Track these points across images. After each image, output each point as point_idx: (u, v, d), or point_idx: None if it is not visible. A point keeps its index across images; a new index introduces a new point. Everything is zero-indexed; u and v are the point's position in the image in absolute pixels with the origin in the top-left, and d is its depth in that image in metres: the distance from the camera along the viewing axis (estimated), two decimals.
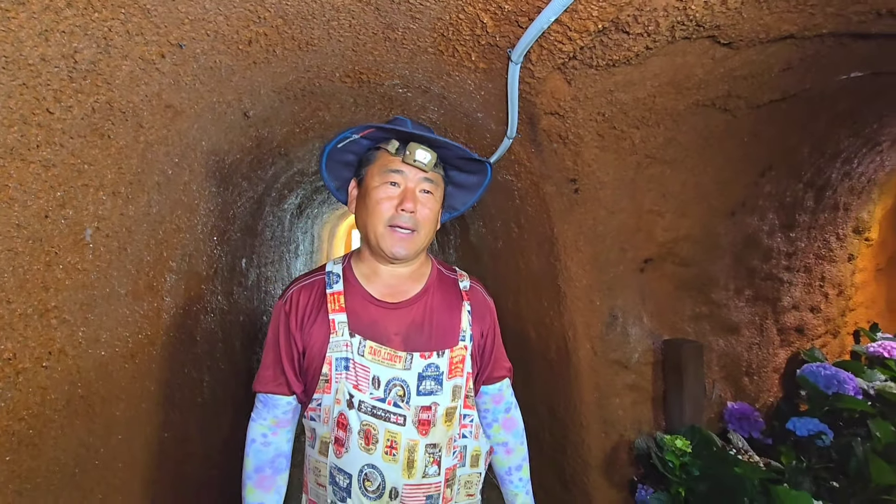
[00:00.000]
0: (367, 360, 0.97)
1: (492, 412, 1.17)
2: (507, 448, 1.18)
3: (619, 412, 1.97)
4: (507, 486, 1.19)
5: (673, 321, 2.10)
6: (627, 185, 1.88)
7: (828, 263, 2.68)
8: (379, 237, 0.99)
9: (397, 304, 1.02)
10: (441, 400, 0.99)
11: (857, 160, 2.40)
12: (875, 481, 1.76)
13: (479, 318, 1.08)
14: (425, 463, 0.97)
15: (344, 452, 0.96)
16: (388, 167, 1.00)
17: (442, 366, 1.00)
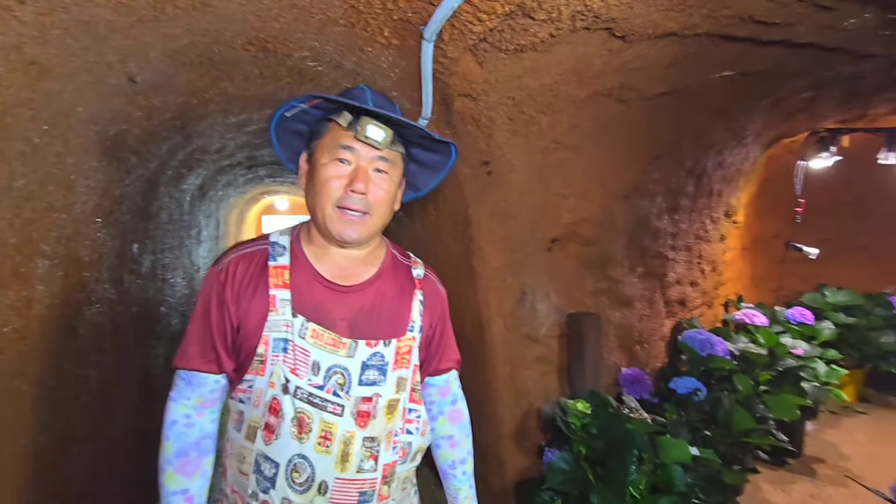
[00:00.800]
0: (309, 344, 0.90)
1: (437, 404, 1.13)
2: (452, 441, 1.15)
3: (529, 383, 2.09)
4: (451, 480, 1.15)
5: (576, 297, 2.26)
6: (536, 169, 1.98)
7: (704, 243, 3.05)
8: (327, 219, 0.92)
9: (347, 287, 0.96)
10: (383, 391, 0.95)
11: (727, 152, 2.74)
12: (737, 427, 2.06)
13: (430, 309, 1.04)
14: (361, 457, 0.92)
15: (273, 439, 0.89)
16: (339, 142, 0.92)
17: (387, 356, 0.96)
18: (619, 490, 1.60)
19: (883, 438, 3.31)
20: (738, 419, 2.03)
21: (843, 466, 2.98)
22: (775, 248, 4.02)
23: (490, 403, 2.09)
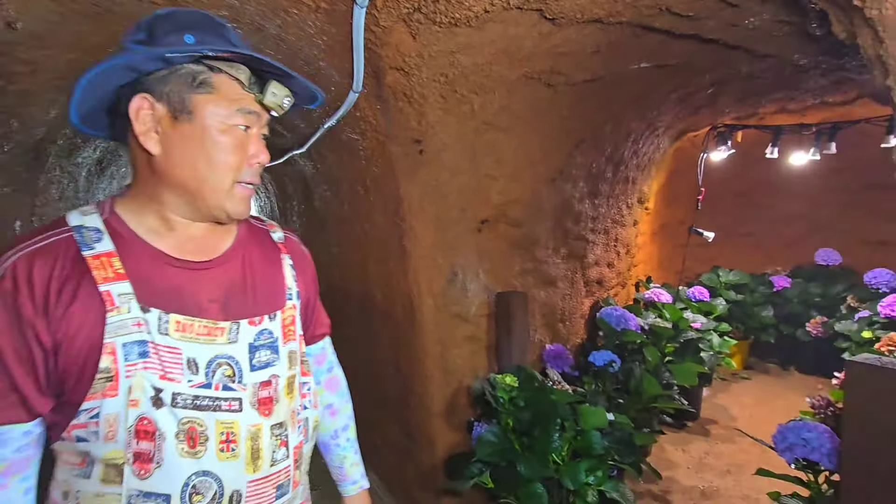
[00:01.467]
0: (176, 340, 0.75)
1: (314, 374, 1.04)
2: (332, 410, 1.09)
3: (458, 361, 2.13)
4: (334, 450, 1.09)
5: (504, 276, 2.33)
6: (468, 149, 1.99)
7: (620, 227, 3.26)
8: (223, 196, 0.79)
9: (207, 262, 0.83)
10: (280, 370, 0.86)
11: (642, 141, 2.93)
12: (647, 393, 2.25)
13: (302, 273, 0.96)
14: (272, 448, 0.82)
15: (154, 469, 0.72)
16: (242, 105, 0.78)
17: (276, 331, 0.86)
18: (544, 457, 1.68)
19: (763, 400, 3.79)
20: (648, 386, 2.21)
21: (732, 425, 3.38)
22: (680, 233, 4.41)
23: (420, 383, 2.10)
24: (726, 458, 2.97)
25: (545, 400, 1.74)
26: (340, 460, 1.09)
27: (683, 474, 2.83)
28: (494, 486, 1.77)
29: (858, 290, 3.80)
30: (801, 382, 4.16)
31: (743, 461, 2.91)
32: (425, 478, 2.18)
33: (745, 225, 4.88)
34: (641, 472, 1.79)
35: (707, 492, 2.66)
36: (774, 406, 3.66)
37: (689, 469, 2.88)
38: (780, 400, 3.78)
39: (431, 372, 2.06)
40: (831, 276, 4.17)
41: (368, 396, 2.66)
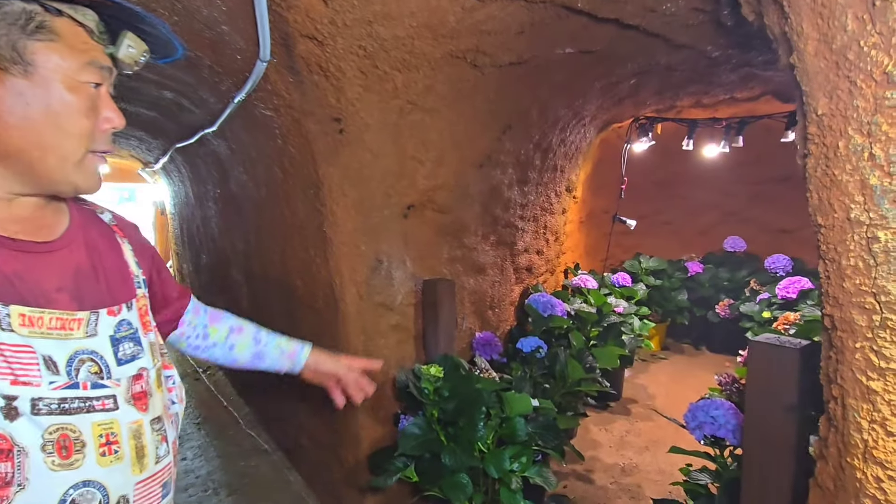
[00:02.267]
0: (24, 336, 0.65)
1: (199, 325, 1.04)
2: (237, 329, 1.09)
3: (384, 352, 2.04)
4: (266, 348, 1.11)
5: (432, 264, 2.26)
6: (391, 130, 1.89)
7: (549, 215, 3.30)
8: (72, 167, 0.68)
9: (49, 244, 0.71)
10: (146, 363, 0.78)
11: (569, 130, 2.97)
12: (571, 377, 2.29)
13: (142, 254, 0.87)
14: (155, 444, 0.76)
15: (16, 494, 0.62)
16: (93, 58, 0.67)
17: (134, 321, 0.78)
18: (469, 447, 1.65)
19: (678, 378, 4.05)
20: (572, 370, 2.25)
21: (650, 404, 3.57)
22: (605, 221, 4.58)
23: None
24: (645, 435, 3.13)
25: (470, 389, 1.70)
26: (277, 349, 1.12)
27: (606, 453, 2.94)
28: (419, 479, 1.72)
29: (760, 274, 4.14)
30: (712, 361, 4.49)
31: (659, 437, 3.08)
32: (350, 475, 2.08)
33: (663, 214, 5.17)
34: (564, 456, 1.81)
35: (627, 468, 2.78)
36: (688, 384, 3.92)
37: (611, 448, 3.00)
38: (692, 378, 4.05)
39: None
40: (738, 261, 4.52)
41: (293, 394, 2.51)
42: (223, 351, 1.08)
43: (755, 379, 1.06)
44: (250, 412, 3.41)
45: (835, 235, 0.64)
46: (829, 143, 0.62)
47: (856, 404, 0.62)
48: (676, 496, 2.38)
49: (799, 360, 0.99)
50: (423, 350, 2.15)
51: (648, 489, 2.60)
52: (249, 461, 2.87)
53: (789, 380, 1.00)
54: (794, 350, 0.99)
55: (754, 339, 1.08)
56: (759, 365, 1.06)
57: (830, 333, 0.69)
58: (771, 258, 4.06)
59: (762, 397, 1.05)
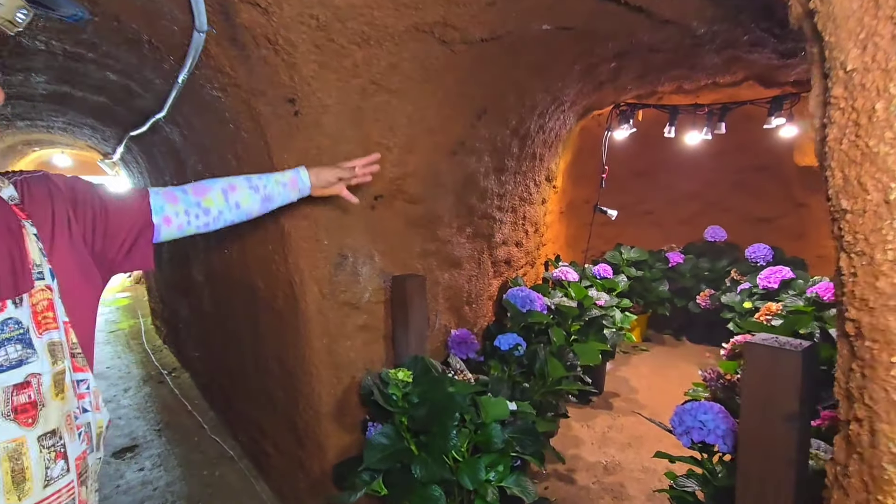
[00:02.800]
0: None
1: (188, 205, 1.02)
2: (230, 187, 1.11)
3: (351, 354, 1.89)
4: (268, 190, 1.18)
5: (403, 258, 2.11)
6: (353, 113, 1.73)
7: (528, 205, 3.18)
8: None
9: None
10: (39, 367, 0.67)
11: (548, 116, 2.84)
12: (551, 376, 2.17)
13: (58, 217, 0.75)
14: (45, 464, 0.66)
15: None
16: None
17: (24, 319, 0.67)
18: (441, 457, 1.52)
19: (660, 370, 3.99)
20: (552, 369, 2.14)
21: (632, 398, 3.50)
22: (585, 212, 4.48)
23: (305, 381, 1.84)
24: (627, 431, 3.06)
25: (443, 394, 1.57)
26: (278, 185, 1.21)
27: (588, 451, 2.86)
28: (388, 492, 1.58)
29: (741, 264, 4.10)
30: (692, 351, 4.46)
31: (642, 433, 3.01)
32: (316, 486, 1.94)
33: (644, 204, 5.11)
34: (544, 461, 1.69)
35: (609, 467, 2.69)
36: (669, 376, 3.87)
37: (593, 445, 2.91)
38: (674, 369, 4.00)
39: (318, 368, 1.81)
40: (718, 251, 4.48)
41: (258, 399, 2.35)
42: (232, 212, 1.11)
43: (752, 384, 0.95)
44: (216, 416, 3.23)
45: (866, 223, 0.52)
46: (862, 107, 0.50)
47: (891, 432, 0.51)
48: (661, 501, 2.30)
49: (801, 364, 0.88)
50: (393, 351, 2.01)
51: (631, 488, 2.52)
52: (214, 470, 2.70)
53: (790, 386, 0.89)
54: (795, 353, 0.88)
55: (751, 340, 0.96)
56: (756, 369, 0.95)
57: (854, 342, 0.57)
58: (751, 248, 4.02)
59: (760, 405, 0.94)
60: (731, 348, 2.72)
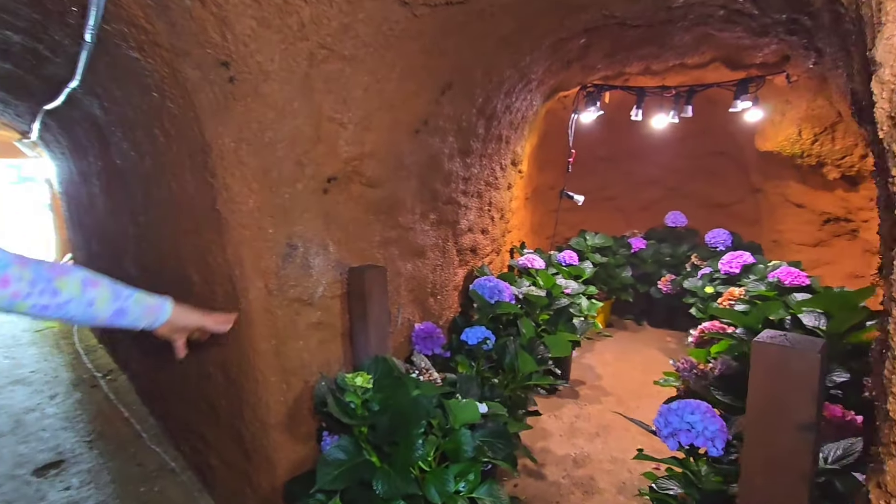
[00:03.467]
0: None
1: (38, 279, 0.90)
2: (92, 282, 1.01)
3: (303, 356, 1.69)
4: (127, 303, 1.06)
5: (362, 248, 1.92)
6: (301, 82, 1.50)
7: (494, 190, 3.03)
8: None
9: None
10: None
11: (515, 95, 2.68)
12: (522, 371, 2.05)
13: None
14: None
15: None
16: None
17: None
18: (405, 470, 1.36)
19: (624, 356, 3.99)
20: (523, 363, 2.02)
21: (598, 385, 3.46)
22: (550, 197, 4.39)
23: (250, 389, 1.63)
24: (595, 420, 3.01)
25: (406, 399, 1.40)
26: (138, 305, 1.08)
27: (556, 443, 2.78)
28: None
29: (700, 249, 4.14)
30: (654, 336, 4.50)
31: (609, 422, 2.97)
32: None
33: (608, 190, 5.08)
34: (516, 466, 1.56)
35: (578, 459, 2.63)
36: (633, 361, 3.87)
37: (561, 437, 2.84)
38: (637, 355, 4.01)
39: (264, 374, 1.60)
40: (679, 237, 4.51)
41: (198, 406, 2.10)
42: (80, 308, 0.99)
43: (760, 389, 0.84)
44: (156, 424, 2.93)
45: None
46: None
47: None
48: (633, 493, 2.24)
49: (819, 366, 0.77)
50: (352, 350, 1.82)
51: (602, 481, 2.46)
52: (153, 485, 2.43)
53: (806, 391, 0.79)
54: (812, 354, 0.77)
55: (759, 340, 0.85)
56: (765, 371, 0.84)
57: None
58: (711, 233, 4.05)
59: (769, 411, 0.84)
60: (699, 335, 2.70)
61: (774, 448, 0.83)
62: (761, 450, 0.85)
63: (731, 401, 1.82)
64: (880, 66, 0.59)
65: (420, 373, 1.72)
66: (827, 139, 2.91)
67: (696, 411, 1.22)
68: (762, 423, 0.85)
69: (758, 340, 0.85)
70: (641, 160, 4.84)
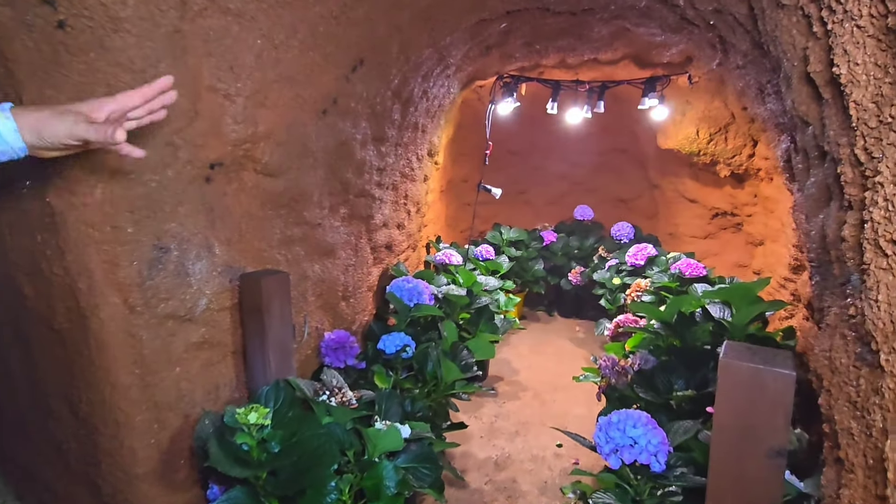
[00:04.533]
0: None
1: None
2: None
3: (182, 385, 1.36)
4: None
5: (258, 248, 1.61)
6: (169, 38, 1.17)
7: (410, 182, 2.83)
8: None
9: None
10: None
11: (433, 80, 2.49)
12: (445, 380, 1.89)
13: None
14: None
15: None
16: None
17: None
18: None
19: (538, 348, 4.03)
20: (446, 372, 1.86)
21: (516, 380, 3.44)
22: (465, 191, 4.29)
23: (108, 432, 1.27)
24: (514, 417, 2.96)
25: (314, 433, 1.16)
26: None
27: (477, 445, 2.68)
28: None
29: (607, 241, 4.31)
30: (563, 325, 4.63)
31: (528, 418, 2.94)
32: None
33: (519, 184, 5.12)
34: (443, 492, 1.39)
35: (500, 461, 2.55)
36: (546, 352, 3.92)
37: (482, 438, 2.75)
38: (549, 345, 4.08)
39: (126, 413, 1.25)
40: (586, 230, 4.67)
41: (44, 452, 1.65)
42: None
43: (729, 413, 0.75)
44: None
45: None
46: None
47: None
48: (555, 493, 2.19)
49: (793, 387, 0.69)
50: (246, 372, 1.52)
51: (524, 483, 2.40)
52: None
53: (779, 415, 0.70)
54: (789, 374, 0.69)
55: (728, 360, 0.75)
56: (734, 392, 0.74)
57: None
58: (616, 226, 4.23)
59: (738, 436, 0.75)
60: (615, 328, 2.75)
61: (744, 477, 0.75)
62: (729, 479, 0.77)
63: (653, 398, 1.82)
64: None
65: (332, 394, 1.48)
66: (721, 139, 3.12)
67: (638, 423, 1.14)
68: (731, 450, 0.76)
69: (726, 359, 0.76)
70: (551, 155, 4.93)
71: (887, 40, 0.58)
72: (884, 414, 0.57)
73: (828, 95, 0.78)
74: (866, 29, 0.60)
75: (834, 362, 0.72)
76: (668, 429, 1.23)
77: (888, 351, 0.57)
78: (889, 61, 0.58)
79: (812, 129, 0.91)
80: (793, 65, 0.90)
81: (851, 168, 0.71)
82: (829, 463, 0.74)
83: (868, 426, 0.60)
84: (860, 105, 0.62)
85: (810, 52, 0.80)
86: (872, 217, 0.62)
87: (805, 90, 0.88)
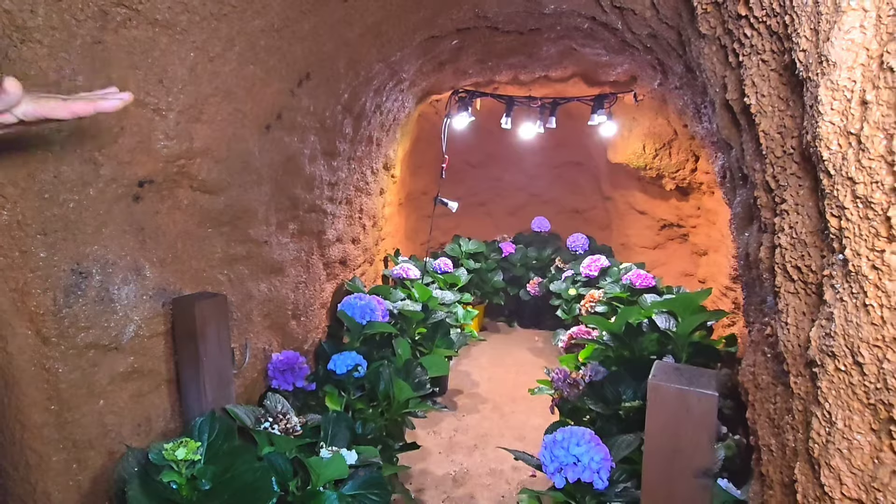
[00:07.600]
0: None
1: None
2: None
3: (107, 419, 1.27)
4: None
5: (196, 269, 1.53)
6: (87, 50, 1.10)
7: (365, 196, 2.79)
8: None
9: None
10: None
11: (385, 94, 2.47)
12: (397, 399, 1.85)
13: None
14: None
15: None
16: None
17: None
18: None
19: (498, 360, 4.04)
20: (398, 391, 1.82)
21: (475, 393, 3.42)
22: (423, 204, 4.28)
23: (18, 476, 1.16)
24: (472, 431, 2.94)
25: (249, 468, 1.10)
26: None
27: (435, 461, 2.64)
28: None
29: (563, 252, 4.39)
30: (523, 336, 4.66)
31: (486, 431, 2.92)
32: None
33: (478, 196, 5.16)
34: None
35: (458, 476, 2.52)
36: (506, 364, 3.93)
37: (440, 454, 2.71)
38: (509, 357, 4.09)
39: (40, 454, 1.15)
40: (543, 241, 4.74)
41: None
42: None
43: (657, 432, 0.76)
44: None
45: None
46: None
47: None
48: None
49: (716, 407, 0.71)
50: (181, 401, 1.43)
51: (482, 498, 2.37)
52: None
53: (704, 434, 0.71)
54: (712, 396, 0.71)
55: (657, 382, 0.76)
56: (662, 414, 0.75)
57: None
58: (571, 237, 4.32)
59: (667, 456, 0.75)
60: (569, 341, 2.78)
61: (673, 497, 0.76)
62: (661, 499, 0.78)
63: (602, 409, 1.84)
64: (834, 66, 0.51)
65: (275, 420, 1.41)
66: (665, 154, 3.25)
67: (581, 441, 1.14)
68: (661, 472, 0.77)
69: (654, 382, 0.77)
70: (510, 168, 5.00)
71: (787, 75, 0.61)
72: (794, 434, 0.59)
73: (744, 122, 0.82)
74: (769, 63, 0.63)
75: (757, 378, 0.74)
76: (612, 443, 1.24)
77: (796, 374, 0.59)
78: (789, 95, 0.62)
79: (735, 152, 0.96)
80: (715, 90, 0.94)
81: (765, 193, 0.74)
82: (756, 476, 0.76)
83: (783, 445, 0.62)
84: (767, 135, 0.66)
85: (728, 81, 0.84)
86: (781, 242, 0.65)
87: (726, 116, 0.93)
